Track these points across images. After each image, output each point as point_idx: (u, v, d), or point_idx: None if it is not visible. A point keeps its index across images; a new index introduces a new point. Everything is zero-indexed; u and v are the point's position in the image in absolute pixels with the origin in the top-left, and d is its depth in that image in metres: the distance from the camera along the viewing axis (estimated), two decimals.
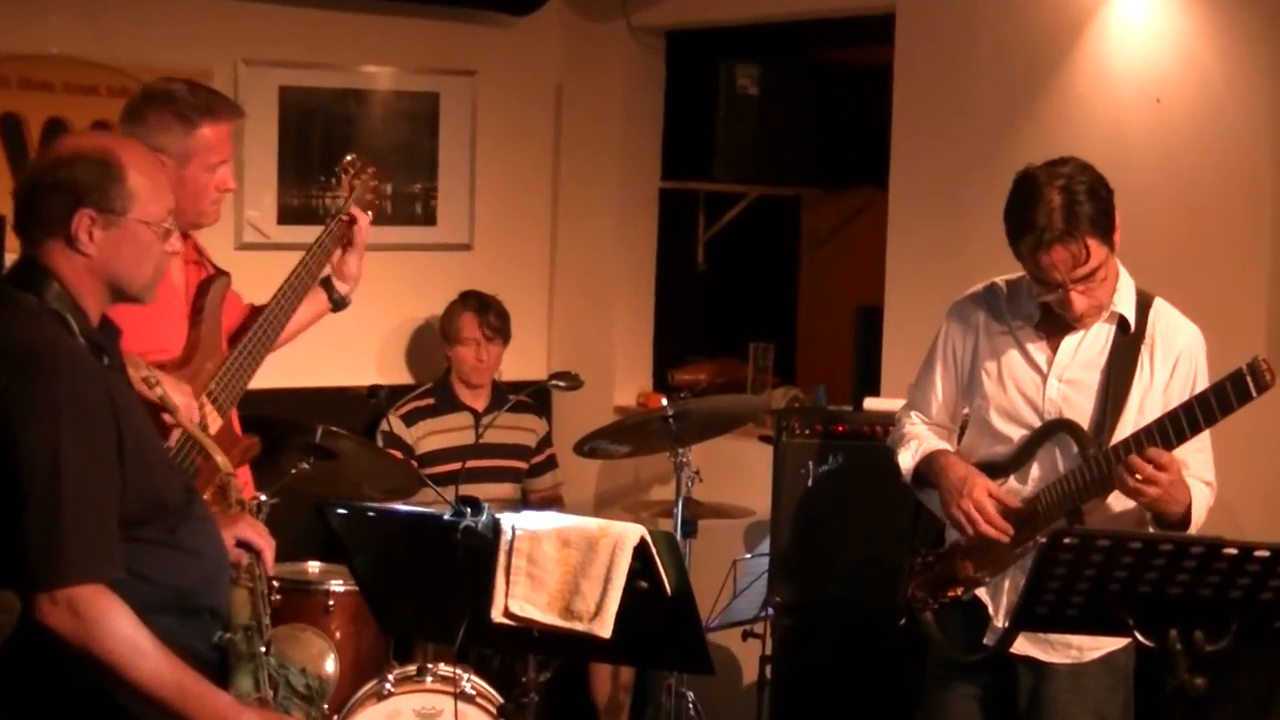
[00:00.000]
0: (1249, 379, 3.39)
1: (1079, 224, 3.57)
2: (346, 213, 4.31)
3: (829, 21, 6.51)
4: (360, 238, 4.32)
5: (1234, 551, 2.97)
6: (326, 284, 4.37)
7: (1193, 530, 3.65)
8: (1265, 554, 2.97)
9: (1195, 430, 3.51)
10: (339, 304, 4.42)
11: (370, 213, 4.42)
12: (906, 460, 4.04)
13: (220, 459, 3.44)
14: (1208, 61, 4.99)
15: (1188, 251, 5.01)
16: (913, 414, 4.12)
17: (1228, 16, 4.94)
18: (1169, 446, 3.53)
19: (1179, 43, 5.05)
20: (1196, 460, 3.70)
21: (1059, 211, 3.58)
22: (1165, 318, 3.81)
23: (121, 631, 2.89)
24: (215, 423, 3.93)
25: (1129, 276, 3.81)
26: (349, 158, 4.47)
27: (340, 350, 6.12)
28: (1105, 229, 3.62)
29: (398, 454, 5.83)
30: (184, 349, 3.95)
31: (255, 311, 4.18)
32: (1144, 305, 3.80)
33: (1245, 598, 3.02)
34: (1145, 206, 4.84)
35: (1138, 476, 3.53)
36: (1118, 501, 3.73)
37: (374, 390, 4.46)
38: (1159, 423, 3.55)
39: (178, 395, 3.69)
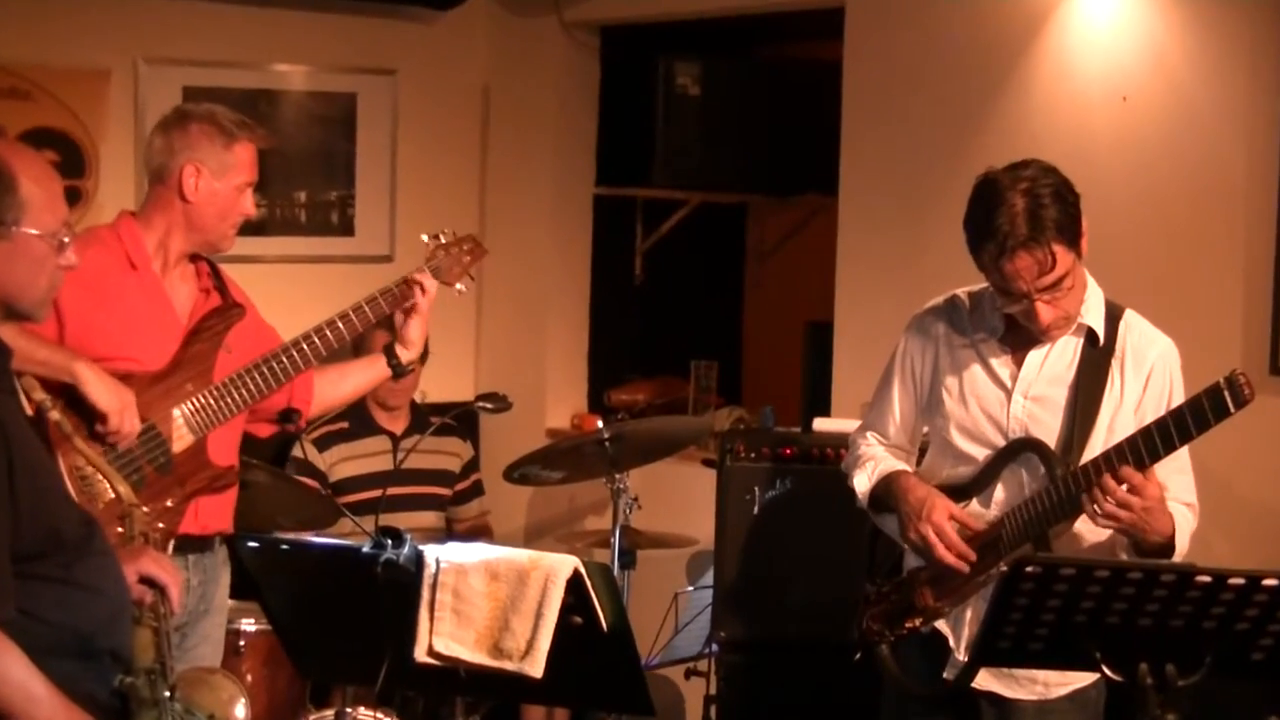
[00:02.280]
0: (1226, 394, 3.40)
1: (1044, 229, 3.59)
2: (413, 278, 4.43)
3: (775, 16, 6.54)
4: (425, 305, 4.44)
5: (1207, 579, 2.98)
6: (389, 349, 4.51)
7: (1177, 559, 3.66)
8: (1240, 582, 2.98)
9: (1170, 449, 3.52)
10: (399, 371, 4.57)
11: (460, 287, 4.58)
12: (863, 483, 4.04)
13: (123, 488, 3.43)
14: (1176, 58, 5.03)
15: (1158, 257, 5.05)
16: (869, 435, 4.13)
17: (1196, 10, 4.99)
18: (1141, 466, 3.53)
19: (1145, 38, 5.09)
20: (1176, 482, 3.71)
21: (1022, 216, 3.59)
22: (1136, 329, 3.82)
23: (13, 677, 2.87)
24: (183, 441, 4.12)
25: (1098, 287, 3.83)
26: (448, 230, 4.59)
27: None
28: (1072, 234, 3.64)
29: (311, 482, 5.81)
30: (167, 365, 4.13)
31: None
32: (1114, 317, 3.81)
33: (1219, 628, 3.04)
34: (1113, 210, 4.87)
35: (1110, 500, 3.54)
36: (1088, 527, 3.74)
37: (286, 414, 4.46)
38: (1131, 441, 3.56)
39: (112, 398, 3.90)
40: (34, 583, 2.97)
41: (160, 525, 3.95)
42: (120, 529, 3.41)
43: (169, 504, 4.07)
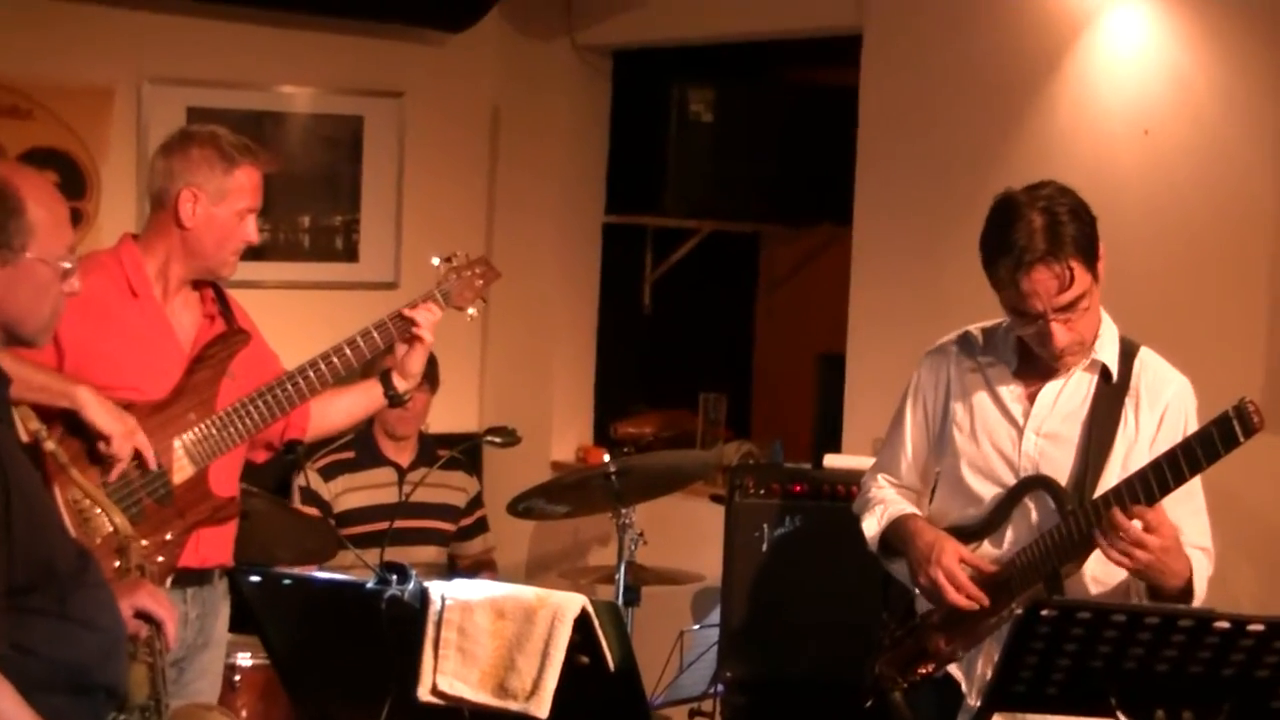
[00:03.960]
0: (1235, 423, 3.41)
1: (1063, 244, 3.60)
2: (420, 304, 4.42)
3: (790, 42, 6.56)
4: (427, 333, 4.42)
5: (1226, 625, 2.98)
6: (386, 377, 4.50)
7: (1195, 605, 3.66)
8: (1260, 628, 2.98)
9: (1179, 480, 3.51)
10: (395, 400, 4.56)
11: (472, 311, 4.56)
12: (871, 527, 4.05)
13: (119, 519, 3.43)
14: (1200, 90, 5.04)
15: (1180, 292, 5.06)
16: (880, 477, 4.13)
17: (1220, 41, 5.00)
18: (1152, 500, 3.54)
19: (1169, 69, 5.10)
20: (1191, 525, 3.71)
21: (1041, 232, 3.61)
22: (1151, 368, 3.83)
23: (2, 712, 2.86)
24: (184, 472, 4.10)
25: (1112, 323, 3.84)
26: (458, 252, 4.57)
27: None
28: (1089, 254, 3.65)
29: (314, 511, 5.81)
30: (169, 394, 4.12)
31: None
32: (1128, 354, 3.82)
33: (1239, 675, 3.04)
34: (1134, 244, 4.88)
35: (1124, 539, 3.53)
36: (1100, 566, 3.74)
37: (290, 446, 4.47)
38: (1140, 474, 3.56)
39: (114, 421, 3.89)
40: (27, 616, 2.96)
41: (160, 558, 3.95)
42: (117, 563, 3.41)
43: (169, 537, 4.06)
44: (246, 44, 6.56)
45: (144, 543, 3.52)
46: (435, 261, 4.55)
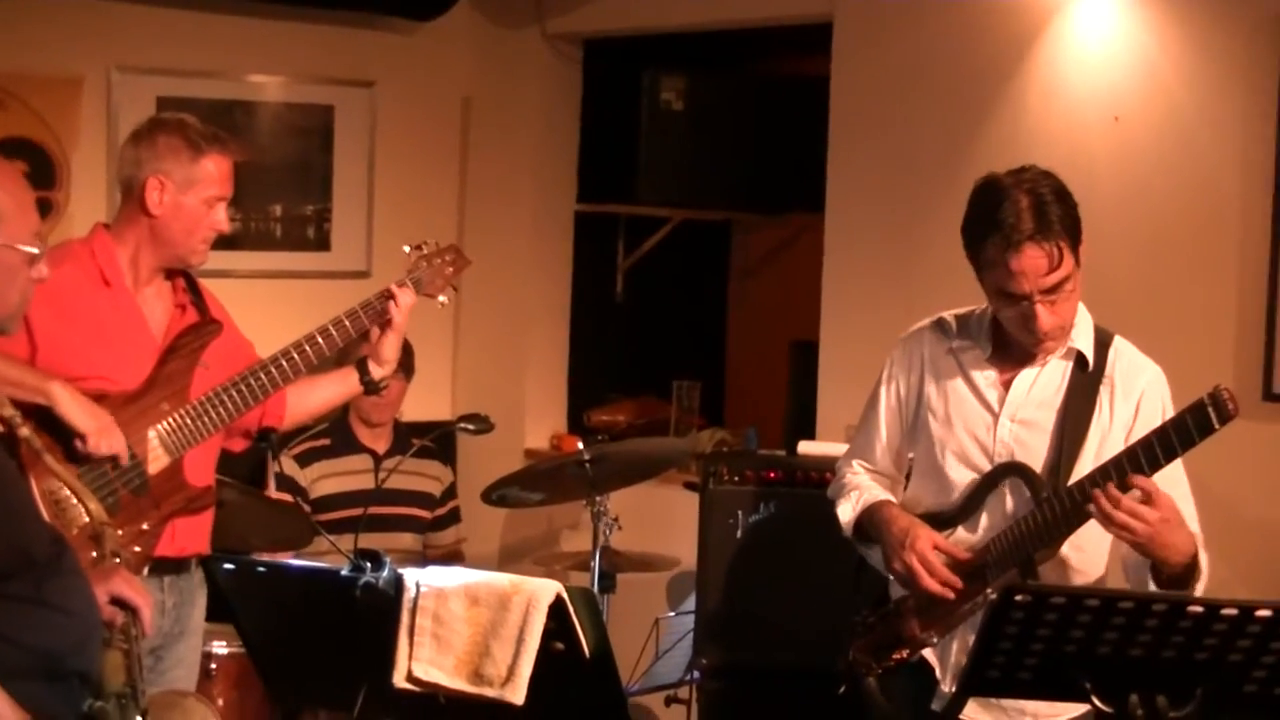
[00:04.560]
0: (1210, 409, 3.42)
1: (1050, 224, 3.61)
2: (388, 291, 4.42)
3: (762, 30, 6.56)
4: (400, 318, 4.42)
5: (1199, 610, 2.98)
6: (361, 364, 4.51)
7: (1199, 588, 3.66)
8: (1233, 612, 2.98)
9: (1155, 467, 3.52)
10: (371, 387, 4.56)
11: (443, 299, 4.57)
12: (846, 513, 4.05)
13: (93, 506, 3.42)
14: (1169, 76, 5.06)
15: (1151, 279, 5.07)
16: (854, 462, 4.14)
17: (1189, 28, 5.02)
18: (1127, 490, 3.55)
19: (1138, 56, 5.12)
20: (1180, 510, 3.73)
21: (1028, 211, 3.61)
22: (1126, 356, 3.84)
23: None
24: (158, 462, 4.09)
25: (1086, 312, 3.85)
26: (430, 241, 4.58)
27: None
28: (1074, 236, 3.66)
29: (288, 496, 5.80)
30: (142, 384, 4.11)
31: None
32: (1103, 343, 3.83)
33: (1212, 659, 3.04)
34: (1104, 231, 4.87)
35: (1120, 510, 3.53)
36: (1075, 552, 3.76)
37: (264, 433, 4.47)
38: (1115, 460, 3.56)
39: (88, 418, 3.88)
40: (4, 603, 2.96)
41: (136, 548, 3.94)
42: (94, 552, 3.40)
43: (145, 527, 4.06)
44: (216, 33, 6.53)
45: (119, 531, 3.51)
46: (406, 249, 4.55)
